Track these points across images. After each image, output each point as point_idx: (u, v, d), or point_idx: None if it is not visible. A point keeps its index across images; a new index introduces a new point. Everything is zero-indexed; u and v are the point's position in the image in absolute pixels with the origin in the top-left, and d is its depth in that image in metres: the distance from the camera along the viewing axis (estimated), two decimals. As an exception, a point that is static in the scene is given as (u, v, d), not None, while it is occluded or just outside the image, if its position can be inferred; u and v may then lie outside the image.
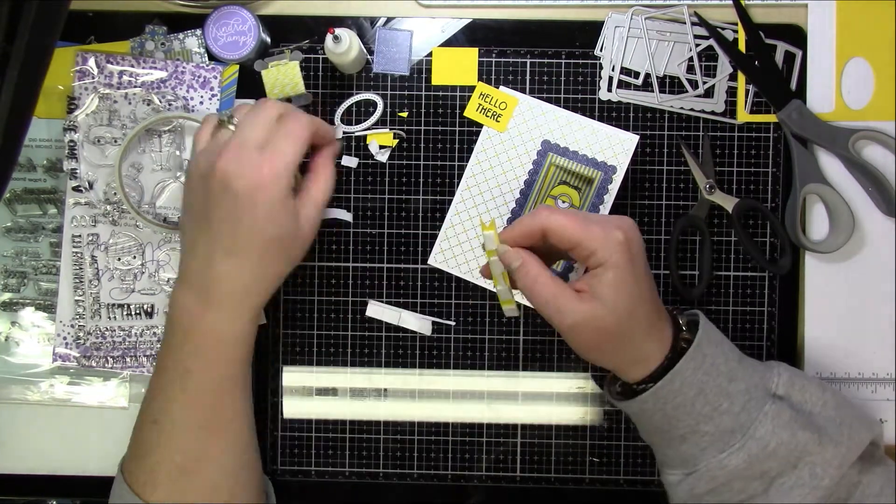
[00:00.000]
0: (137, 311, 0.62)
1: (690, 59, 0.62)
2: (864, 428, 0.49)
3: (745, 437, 0.47)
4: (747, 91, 0.62)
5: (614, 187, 0.60)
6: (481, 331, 0.63)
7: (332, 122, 0.62)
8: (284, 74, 0.62)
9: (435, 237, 0.62)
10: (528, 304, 0.52)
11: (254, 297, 0.53)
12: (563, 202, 0.60)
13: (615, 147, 0.60)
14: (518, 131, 0.61)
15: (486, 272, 0.51)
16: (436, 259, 0.62)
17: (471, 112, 0.61)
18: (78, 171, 0.61)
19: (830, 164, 0.61)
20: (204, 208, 0.51)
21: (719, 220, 0.62)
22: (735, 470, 0.47)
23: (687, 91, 0.62)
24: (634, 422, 0.53)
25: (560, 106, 0.61)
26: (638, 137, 0.60)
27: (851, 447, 0.48)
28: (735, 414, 0.48)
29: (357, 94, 0.62)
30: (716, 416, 0.48)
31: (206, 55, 0.62)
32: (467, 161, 0.61)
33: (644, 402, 0.49)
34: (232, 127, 0.53)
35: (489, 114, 0.61)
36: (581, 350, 0.49)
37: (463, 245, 0.61)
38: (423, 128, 0.62)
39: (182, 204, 0.55)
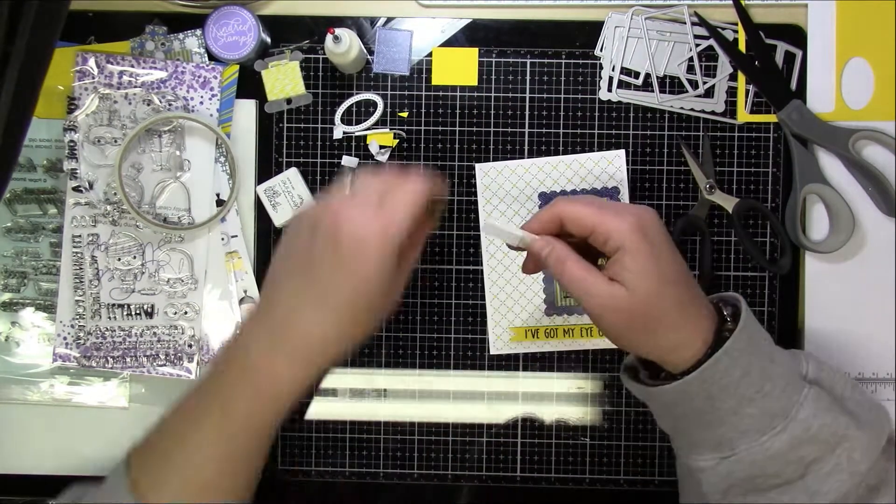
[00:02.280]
0: (137, 312, 0.62)
1: (690, 59, 0.62)
2: (884, 414, 0.49)
3: (787, 419, 0.47)
4: (747, 91, 0.62)
5: None
6: (482, 331, 0.63)
7: (332, 122, 0.62)
8: (284, 74, 0.62)
9: (434, 237, 0.62)
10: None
11: (329, 353, 0.52)
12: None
13: (608, 169, 0.61)
14: (512, 197, 0.62)
15: (529, 268, 0.51)
16: (497, 346, 0.62)
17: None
18: (78, 171, 0.61)
19: (830, 164, 0.61)
20: (307, 256, 0.50)
21: (719, 220, 0.62)
22: (776, 453, 0.47)
23: (687, 91, 0.62)
24: (660, 407, 0.52)
25: (561, 106, 0.62)
26: (623, 151, 0.61)
27: (881, 432, 0.48)
28: (776, 397, 0.48)
29: (357, 94, 0.62)
30: (758, 399, 0.48)
31: (206, 55, 0.62)
32: (466, 161, 0.62)
33: (688, 384, 0.48)
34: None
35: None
36: (612, 336, 0.49)
37: (512, 320, 0.62)
38: (423, 128, 0.62)
39: (277, 251, 0.54)
